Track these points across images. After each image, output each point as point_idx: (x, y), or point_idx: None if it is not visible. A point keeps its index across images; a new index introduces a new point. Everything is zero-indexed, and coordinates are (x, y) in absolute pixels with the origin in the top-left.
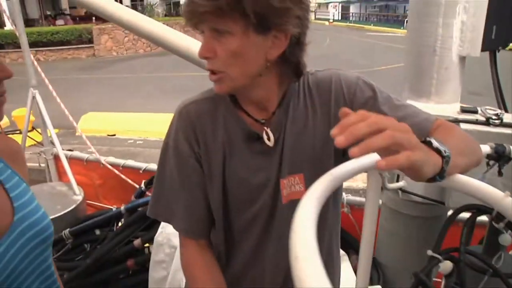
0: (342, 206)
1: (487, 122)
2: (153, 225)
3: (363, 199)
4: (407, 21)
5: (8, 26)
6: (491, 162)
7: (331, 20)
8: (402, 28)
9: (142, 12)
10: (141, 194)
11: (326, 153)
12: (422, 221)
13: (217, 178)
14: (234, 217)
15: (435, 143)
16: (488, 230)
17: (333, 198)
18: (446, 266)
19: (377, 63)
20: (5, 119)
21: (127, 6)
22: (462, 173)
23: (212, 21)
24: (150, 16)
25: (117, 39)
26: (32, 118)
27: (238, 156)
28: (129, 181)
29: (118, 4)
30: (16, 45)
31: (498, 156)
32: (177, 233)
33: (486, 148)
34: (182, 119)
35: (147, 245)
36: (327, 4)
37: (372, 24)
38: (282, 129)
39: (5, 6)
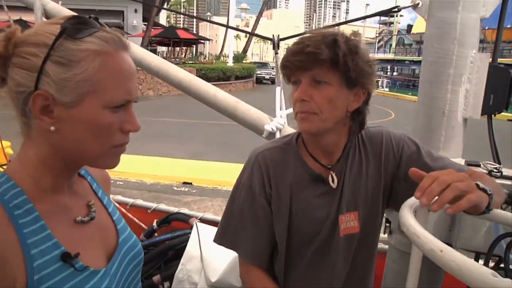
0: None
1: (489, 174)
2: (171, 262)
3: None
4: (377, 81)
5: None
6: (504, 205)
7: None
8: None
9: None
10: (152, 232)
11: (376, 195)
12: (430, 261)
13: (284, 214)
14: (296, 247)
15: (481, 185)
16: None
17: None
18: None
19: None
20: None
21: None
22: (497, 208)
23: (321, 71)
24: None
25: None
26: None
27: (304, 195)
28: (136, 220)
29: (148, 51)
30: None
31: (511, 200)
32: (197, 270)
33: None
34: (259, 163)
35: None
36: None
37: None
38: (343, 174)
39: None
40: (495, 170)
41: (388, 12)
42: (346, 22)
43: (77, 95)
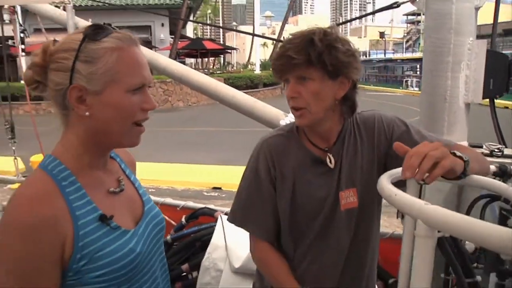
0: None
1: (490, 154)
2: (199, 252)
3: (389, 231)
4: (406, 81)
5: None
6: (497, 179)
7: None
8: (400, 88)
9: None
10: (181, 228)
11: (371, 173)
12: None
13: (287, 194)
14: (301, 224)
15: (458, 153)
16: (499, 218)
17: (376, 222)
18: None
19: None
20: (22, 165)
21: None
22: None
23: (300, 71)
24: None
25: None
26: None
27: (306, 176)
28: (167, 218)
29: (171, 60)
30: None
31: (502, 173)
32: (222, 258)
33: (492, 168)
34: (263, 149)
35: (195, 268)
36: None
37: (371, 85)
38: (339, 155)
39: (23, 63)
40: (496, 150)
41: (388, 9)
42: (344, 23)
43: (103, 84)
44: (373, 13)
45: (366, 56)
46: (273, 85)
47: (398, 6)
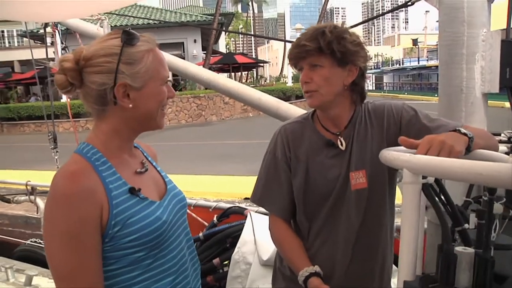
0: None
1: (509, 141)
2: (229, 248)
3: None
4: None
5: (64, 99)
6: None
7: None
8: (436, 95)
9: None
10: (213, 226)
11: None
12: None
13: (300, 173)
14: (315, 203)
15: (462, 130)
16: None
17: (389, 205)
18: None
19: None
20: None
21: None
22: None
23: (313, 58)
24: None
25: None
26: None
27: (319, 158)
28: (199, 219)
29: (200, 67)
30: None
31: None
32: (251, 251)
33: (504, 149)
34: (281, 134)
35: (225, 262)
36: None
37: (406, 93)
38: (350, 138)
39: None
40: None
41: (402, 7)
42: (352, 27)
43: (144, 81)
44: (386, 13)
45: (399, 65)
46: None
47: (413, 3)
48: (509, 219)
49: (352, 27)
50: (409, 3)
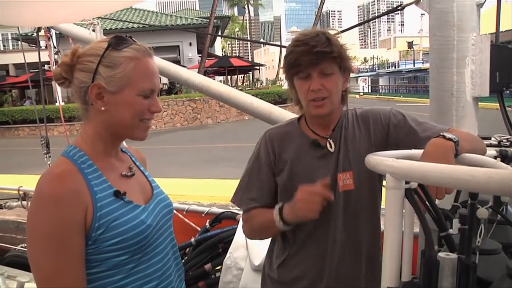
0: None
1: (499, 144)
2: (221, 253)
3: None
4: None
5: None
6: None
7: (361, 93)
8: None
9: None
10: (206, 231)
11: None
12: None
13: (285, 174)
14: None
15: (447, 135)
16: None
17: (377, 207)
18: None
19: None
20: None
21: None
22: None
23: (326, 65)
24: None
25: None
26: None
27: (306, 159)
28: (192, 224)
29: (193, 72)
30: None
31: (502, 157)
32: (243, 257)
33: (493, 153)
34: (265, 138)
35: (217, 267)
36: (356, 78)
37: (401, 96)
38: (338, 140)
39: (58, 87)
40: (504, 140)
41: (393, 12)
42: (345, 30)
43: (119, 86)
44: (378, 17)
45: (395, 67)
46: None
47: (403, 8)
48: (497, 223)
49: (344, 30)
50: (400, 8)
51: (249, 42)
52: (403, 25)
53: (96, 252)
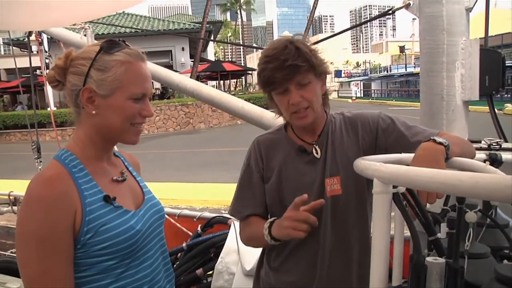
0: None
1: (488, 148)
2: (213, 258)
3: None
4: None
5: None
6: None
7: (353, 98)
8: None
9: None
10: (197, 236)
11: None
12: None
13: (273, 181)
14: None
15: (437, 139)
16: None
17: (365, 211)
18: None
19: None
20: None
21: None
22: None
23: (301, 76)
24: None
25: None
26: None
27: (293, 165)
28: (184, 229)
29: (184, 76)
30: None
31: (492, 160)
32: (235, 261)
33: (483, 156)
34: (254, 146)
35: (209, 272)
36: (348, 82)
37: (394, 100)
38: (325, 145)
39: (50, 92)
40: (494, 144)
41: (383, 16)
42: (333, 36)
43: (110, 90)
44: (369, 21)
45: (387, 71)
46: None
47: (393, 12)
48: (486, 227)
49: (335, 34)
50: (390, 12)
51: (241, 47)
52: (395, 29)
53: (85, 256)
